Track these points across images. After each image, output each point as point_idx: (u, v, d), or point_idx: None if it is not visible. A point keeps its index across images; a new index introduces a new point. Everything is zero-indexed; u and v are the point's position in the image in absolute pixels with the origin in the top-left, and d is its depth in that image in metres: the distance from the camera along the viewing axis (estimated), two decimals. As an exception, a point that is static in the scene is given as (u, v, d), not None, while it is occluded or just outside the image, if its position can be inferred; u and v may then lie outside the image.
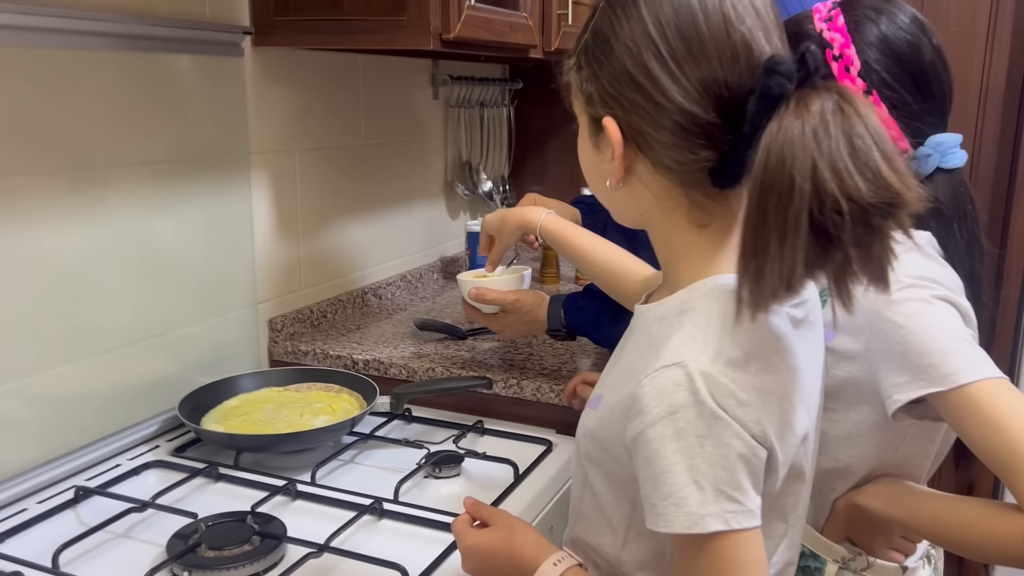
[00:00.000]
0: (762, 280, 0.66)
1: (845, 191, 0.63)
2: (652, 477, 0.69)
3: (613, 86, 0.74)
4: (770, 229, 0.65)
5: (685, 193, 0.75)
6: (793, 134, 0.64)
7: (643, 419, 0.70)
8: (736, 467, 0.68)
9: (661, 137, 0.72)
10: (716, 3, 0.71)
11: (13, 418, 1.19)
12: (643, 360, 0.74)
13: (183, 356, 1.46)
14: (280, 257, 1.68)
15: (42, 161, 1.19)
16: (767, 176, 0.65)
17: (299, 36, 1.51)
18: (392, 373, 1.57)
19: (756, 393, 0.70)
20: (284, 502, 1.19)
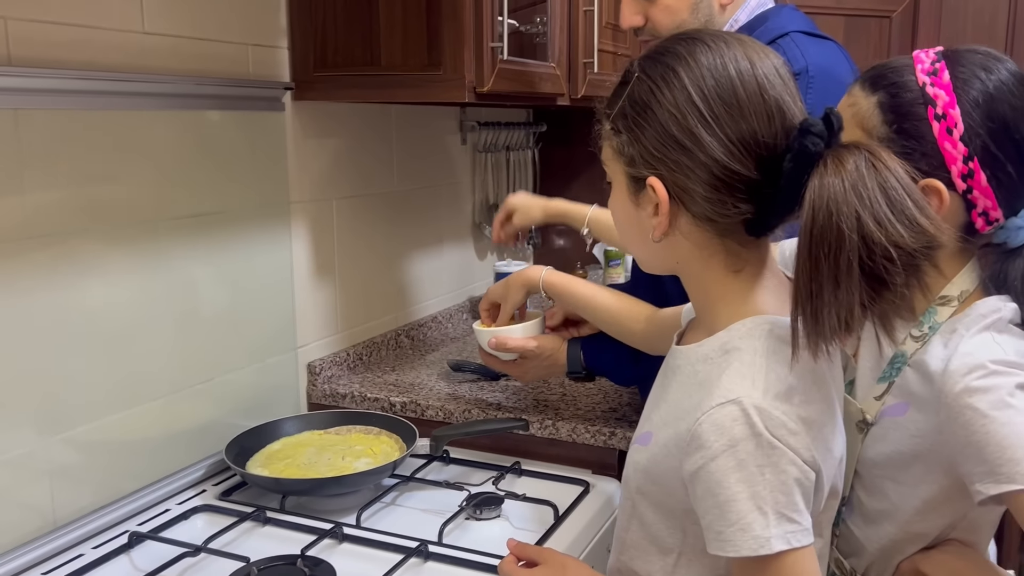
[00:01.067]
0: (820, 322, 0.73)
1: (891, 239, 0.71)
2: (716, 507, 0.75)
3: (658, 149, 0.80)
4: (823, 276, 0.72)
5: (722, 242, 0.82)
6: (836, 190, 0.72)
7: (704, 454, 0.76)
8: (793, 491, 0.75)
9: (704, 193, 0.79)
10: (749, 70, 0.79)
11: (67, 465, 1.23)
12: (694, 398, 0.80)
13: (227, 401, 1.50)
14: (318, 302, 1.73)
15: (97, 216, 1.24)
16: (816, 228, 0.72)
17: (338, 91, 1.57)
18: (429, 415, 1.60)
19: (801, 423, 0.76)
20: (331, 545, 1.22)
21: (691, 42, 0.81)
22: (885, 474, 0.97)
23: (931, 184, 0.90)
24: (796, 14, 1.38)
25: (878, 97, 0.93)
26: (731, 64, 0.78)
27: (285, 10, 1.57)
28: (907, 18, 2.43)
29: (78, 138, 1.20)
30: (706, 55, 0.79)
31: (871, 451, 0.98)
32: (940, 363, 0.89)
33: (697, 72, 0.78)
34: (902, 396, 0.94)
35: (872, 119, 0.93)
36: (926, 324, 0.94)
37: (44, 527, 1.20)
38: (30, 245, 1.15)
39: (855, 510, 1.01)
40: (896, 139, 0.91)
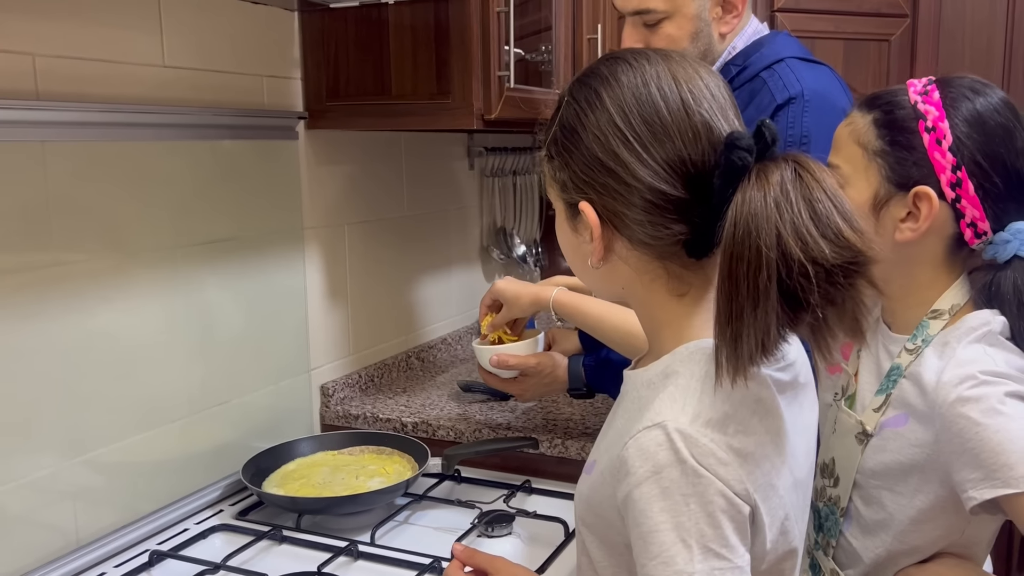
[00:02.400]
0: (739, 345, 0.69)
1: (809, 255, 0.67)
2: (640, 538, 0.71)
3: (586, 172, 0.78)
4: (743, 296, 0.68)
5: (663, 265, 0.79)
6: (756, 206, 0.68)
7: (629, 480, 0.72)
8: (722, 523, 0.70)
9: (635, 215, 0.77)
10: (674, 89, 0.76)
11: (89, 486, 1.26)
12: (630, 423, 0.76)
13: (243, 423, 1.54)
14: (331, 325, 1.77)
15: (118, 244, 1.28)
16: (736, 247, 0.69)
17: (350, 119, 1.62)
18: (440, 435, 1.63)
19: (733, 453, 0.72)
20: (347, 562, 1.25)
21: (614, 62, 0.79)
22: (883, 484, 0.99)
23: (921, 190, 0.94)
24: (790, 40, 1.42)
25: (874, 115, 0.99)
26: (652, 82, 0.76)
27: (298, 43, 1.62)
28: (905, 41, 2.48)
29: (101, 168, 1.25)
30: (627, 74, 0.77)
31: (871, 462, 1.00)
32: (934, 375, 0.93)
33: (618, 92, 0.77)
34: (901, 407, 0.97)
35: (868, 134, 0.99)
36: (919, 337, 0.98)
37: (67, 546, 1.23)
38: (56, 272, 1.19)
39: (853, 521, 1.04)
40: (890, 151, 0.97)
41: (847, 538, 1.04)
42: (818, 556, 1.08)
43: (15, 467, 1.15)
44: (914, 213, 0.96)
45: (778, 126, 1.29)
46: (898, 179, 0.96)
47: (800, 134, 1.29)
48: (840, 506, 1.03)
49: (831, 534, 1.05)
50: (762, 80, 1.35)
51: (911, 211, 0.96)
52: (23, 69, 1.14)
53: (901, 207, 0.96)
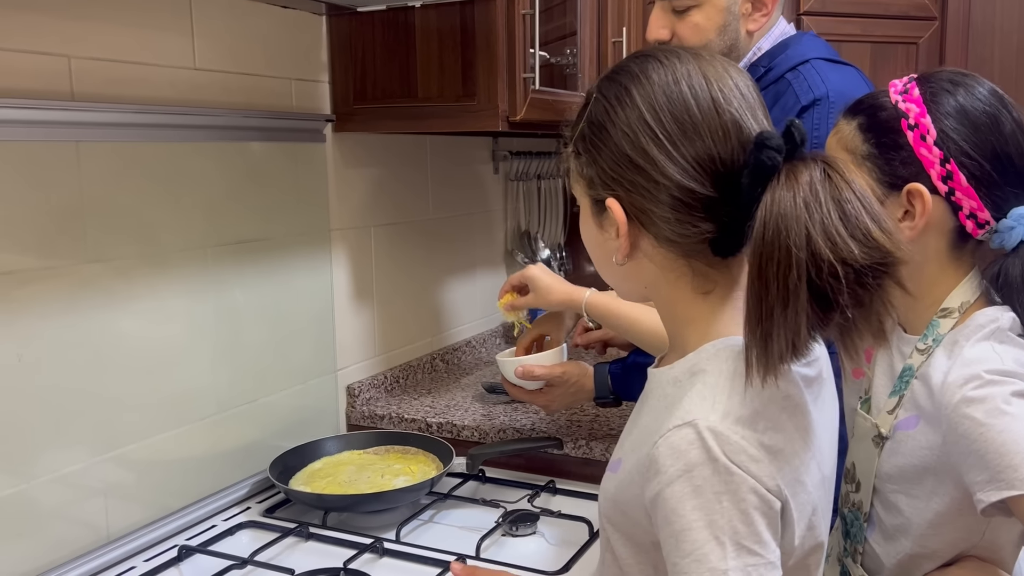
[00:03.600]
0: (770, 345, 0.69)
1: (839, 255, 0.67)
2: (672, 536, 0.71)
3: (614, 169, 0.78)
4: (772, 297, 0.69)
5: (688, 263, 0.79)
6: (786, 206, 0.69)
7: (660, 479, 0.72)
8: (754, 520, 0.70)
9: (663, 213, 0.77)
10: (704, 87, 0.76)
11: (119, 482, 1.28)
12: (658, 421, 0.76)
13: (270, 422, 1.55)
14: (357, 326, 1.78)
15: (150, 243, 1.31)
16: (765, 247, 0.69)
17: (376, 122, 1.63)
18: (464, 435, 1.64)
19: (764, 450, 0.72)
20: (372, 559, 1.26)
21: (644, 59, 0.79)
22: (899, 488, 0.98)
23: (913, 188, 0.94)
24: (817, 41, 1.42)
25: (858, 120, 1.00)
26: (683, 80, 0.76)
27: (326, 46, 1.64)
28: (934, 44, 2.46)
29: (134, 169, 1.27)
30: (658, 72, 0.77)
31: (886, 465, 0.99)
32: (941, 375, 0.92)
33: (649, 90, 0.77)
34: (913, 409, 0.96)
35: (854, 140, 0.99)
36: (930, 337, 0.97)
37: (98, 541, 1.25)
38: (89, 270, 1.21)
39: (875, 527, 1.02)
40: (877, 153, 0.97)
41: (871, 544, 1.03)
42: (848, 563, 1.06)
43: (47, 462, 1.18)
44: (910, 211, 0.95)
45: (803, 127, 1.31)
46: (889, 180, 0.96)
47: (825, 136, 1.28)
48: (863, 511, 1.03)
49: (857, 540, 1.04)
50: (787, 81, 1.35)
51: (907, 210, 0.95)
52: (59, 70, 1.17)
53: (896, 207, 0.96)
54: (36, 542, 1.17)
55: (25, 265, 1.14)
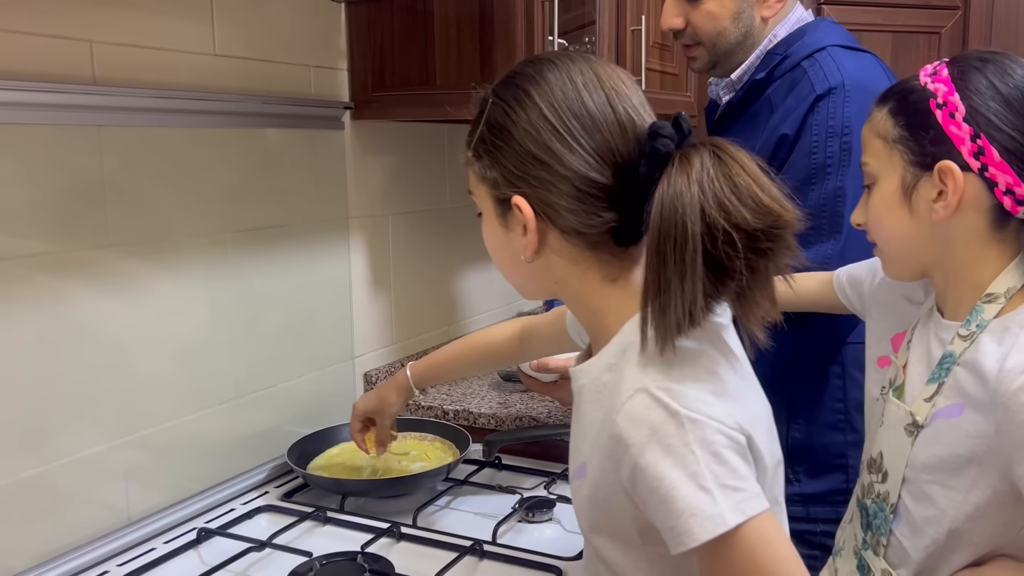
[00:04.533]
0: (667, 316, 0.74)
1: (733, 222, 0.72)
2: (661, 501, 0.72)
3: (518, 167, 0.81)
4: (670, 270, 0.73)
5: (594, 255, 0.83)
6: (681, 186, 0.73)
7: (632, 452, 0.74)
8: (728, 459, 0.73)
9: (568, 205, 0.80)
10: (598, 86, 0.81)
11: (139, 465, 1.29)
12: (608, 407, 0.78)
13: (288, 407, 1.56)
14: (374, 314, 1.79)
15: (170, 228, 1.32)
16: (663, 225, 0.73)
17: (394, 109, 1.64)
18: (481, 423, 1.64)
19: (714, 396, 0.76)
20: (389, 543, 1.26)
21: (538, 62, 0.84)
22: (935, 479, 0.96)
23: (943, 165, 0.93)
24: (834, 28, 1.40)
25: (888, 106, 1.00)
26: (578, 79, 0.81)
27: (345, 33, 1.64)
28: (957, 34, 2.43)
29: (155, 153, 1.28)
30: (553, 72, 0.82)
31: (922, 454, 0.97)
32: (995, 362, 0.90)
33: (546, 88, 0.81)
34: (957, 397, 0.93)
35: (885, 125, 0.99)
36: (973, 322, 0.95)
37: (119, 523, 1.27)
38: (110, 255, 1.23)
39: (902, 518, 1.00)
40: (908, 135, 0.96)
41: (897, 536, 1.00)
42: (867, 556, 1.04)
43: (68, 444, 1.19)
44: (943, 191, 0.94)
45: (818, 117, 1.30)
46: (920, 160, 0.95)
47: (841, 124, 1.27)
48: (889, 502, 1.00)
49: (880, 532, 1.02)
50: (802, 69, 1.33)
51: (940, 189, 0.94)
52: (81, 55, 1.18)
53: (930, 187, 0.95)
54: (57, 523, 1.18)
55: (47, 248, 1.15)
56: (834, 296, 1.21)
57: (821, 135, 1.27)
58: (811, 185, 1.27)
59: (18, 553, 1.14)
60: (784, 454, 1.33)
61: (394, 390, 1.38)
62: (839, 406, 1.31)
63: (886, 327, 1.11)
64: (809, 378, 1.33)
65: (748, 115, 1.38)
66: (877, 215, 1.01)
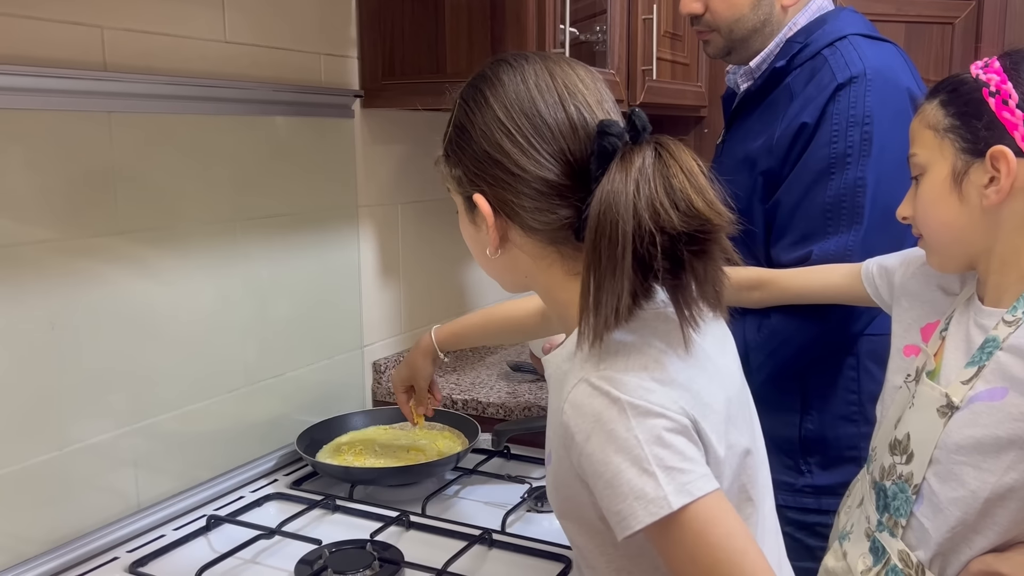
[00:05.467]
0: (599, 312, 0.75)
1: (659, 224, 0.73)
2: (607, 486, 0.74)
3: (476, 166, 0.84)
4: (602, 267, 0.75)
5: (556, 250, 0.85)
6: (618, 185, 0.74)
7: (577, 439, 0.76)
8: (671, 442, 0.74)
9: (524, 203, 0.82)
10: (551, 84, 0.83)
11: (148, 452, 1.29)
12: (558, 396, 0.81)
13: (297, 396, 1.56)
14: (383, 303, 1.78)
15: (180, 215, 1.31)
16: (599, 223, 0.75)
17: (404, 98, 1.63)
18: (490, 412, 1.64)
19: (656, 382, 0.76)
20: (399, 532, 1.26)
21: (497, 64, 0.86)
22: (968, 460, 0.96)
23: (997, 150, 0.94)
24: (855, 16, 1.39)
25: (939, 98, 1.00)
26: (531, 78, 0.82)
27: (355, 21, 1.63)
28: (970, 24, 2.41)
29: (164, 140, 1.28)
30: (508, 73, 0.84)
31: (956, 436, 0.97)
32: None
33: (501, 91, 0.83)
34: (1000, 380, 0.94)
35: (935, 115, 1.00)
36: (1020, 309, 0.95)
37: (128, 509, 1.27)
38: (120, 241, 1.22)
39: (925, 500, 1.00)
40: (959, 123, 0.97)
41: (917, 518, 1.00)
42: (881, 537, 1.04)
43: (79, 430, 1.19)
44: (995, 177, 0.94)
45: (839, 106, 1.29)
46: (972, 147, 0.96)
47: (863, 114, 1.26)
48: (913, 483, 1.00)
49: (900, 513, 1.01)
50: (823, 58, 1.32)
51: (992, 176, 0.95)
52: (91, 41, 1.17)
53: (981, 174, 0.95)
54: (67, 509, 1.19)
55: (57, 234, 1.15)
56: (860, 287, 1.21)
57: (842, 124, 1.26)
58: (831, 175, 1.26)
59: (29, 538, 1.14)
60: (797, 445, 1.34)
61: (420, 355, 1.40)
62: (853, 398, 1.31)
63: (916, 316, 1.12)
64: (824, 370, 1.33)
65: (767, 103, 1.37)
66: (925, 205, 1.01)
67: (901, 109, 1.28)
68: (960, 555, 0.98)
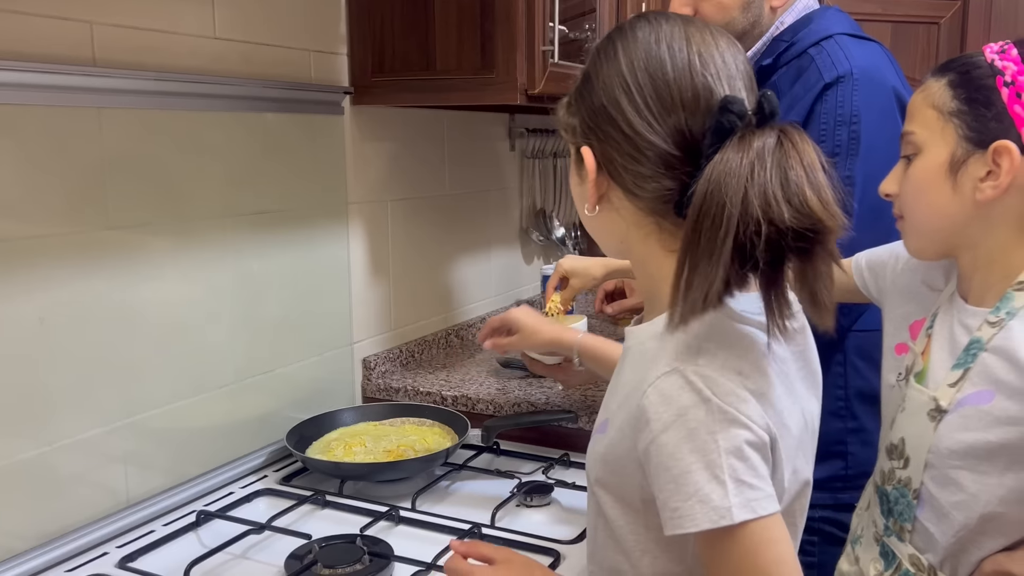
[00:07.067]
0: (688, 295, 0.72)
1: (768, 216, 0.69)
2: (672, 481, 0.72)
3: (591, 118, 0.82)
4: (700, 249, 0.71)
5: (656, 221, 0.82)
6: (731, 166, 0.71)
7: (653, 427, 0.74)
8: (749, 456, 0.72)
9: (628, 165, 0.80)
10: (684, 51, 0.78)
11: (138, 449, 1.29)
12: (642, 375, 0.78)
13: (287, 392, 1.56)
14: (373, 300, 1.79)
15: (169, 211, 1.31)
16: (704, 202, 0.71)
17: (394, 95, 1.63)
18: (480, 408, 1.64)
19: (749, 392, 0.74)
20: (388, 526, 1.27)
21: (637, 19, 0.83)
22: (963, 464, 0.94)
23: (1001, 145, 0.91)
24: (841, 16, 1.40)
25: (948, 78, 0.96)
26: (664, 40, 0.79)
27: (345, 18, 1.64)
28: (956, 25, 2.44)
29: (154, 136, 1.28)
30: (643, 30, 0.80)
31: (948, 440, 0.95)
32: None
33: (632, 47, 0.80)
34: (986, 383, 0.92)
35: (942, 96, 0.96)
36: (1003, 309, 0.93)
37: (118, 505, 1.27)
38: (109, 237, 1.22)
39: (925, 504, 0.98)
40: (967, 109, 0.93)
41: (921, 522, 0.99)
42: (890, 542, 1.03)
43: (67, 426, 1.19)
44: (994, 171, 0.92)
45: (827, 105, 1.29)
46: (976, 136, 0.93)
47: (850, 113, 1.27)
48: (912, 488, 0.99)
49: (904, 518, 1.00)
50: (809, 57, 1.33)
51: (991, 169, 0.92)
52: (81, 37, 1.17)
53: (980, 166, 0.93)
54: (56, 505, 1.19)
55: (47, 230, 1.15)
56: (851, 281, 1.19)
57: (829, 123, 1.27)
58: None
59: (17, 534, 1.14)
60: None
61: (554, 336, 1.36)
62: (840, 393, 1.32)
63: (904, 314, 1.10)
64: None
65: None
66: (915, 187, 0.98)
67: (887, 108, 1.30)
68: (970, 556, 0.96)
